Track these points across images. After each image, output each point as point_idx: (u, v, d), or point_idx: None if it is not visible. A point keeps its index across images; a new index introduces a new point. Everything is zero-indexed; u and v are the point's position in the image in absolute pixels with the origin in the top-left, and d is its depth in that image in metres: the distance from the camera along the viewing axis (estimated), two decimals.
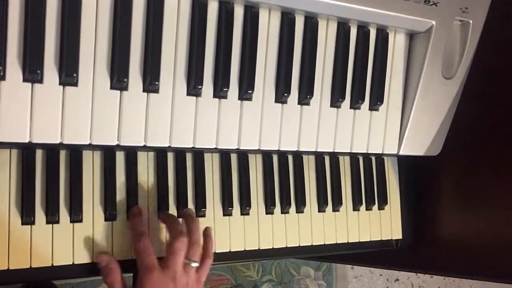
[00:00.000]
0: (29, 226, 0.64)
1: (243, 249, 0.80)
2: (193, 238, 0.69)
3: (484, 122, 0.90)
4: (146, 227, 0.71)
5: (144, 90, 0.65)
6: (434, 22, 0.78)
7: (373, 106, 0.82)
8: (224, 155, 0.79)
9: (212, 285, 1.65)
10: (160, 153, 0.74)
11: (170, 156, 0.75)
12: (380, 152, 0.84)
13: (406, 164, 0.97)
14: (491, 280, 0.95)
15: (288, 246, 0.83)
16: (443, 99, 0.83)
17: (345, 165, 0.90)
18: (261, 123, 0.73)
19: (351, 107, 0.80)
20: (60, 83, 0.60)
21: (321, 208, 0.86)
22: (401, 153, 0.85)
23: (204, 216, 0.76)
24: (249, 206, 0.79)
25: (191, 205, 0.75)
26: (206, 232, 0.74)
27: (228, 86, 0.69)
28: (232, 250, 0.78)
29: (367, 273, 1.96)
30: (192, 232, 0.70)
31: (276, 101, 0.74)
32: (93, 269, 0.68)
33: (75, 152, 0.68)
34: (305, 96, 0.75)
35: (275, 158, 0.83)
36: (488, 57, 0.85)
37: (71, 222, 0.67)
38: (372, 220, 0.92)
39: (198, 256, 0.69)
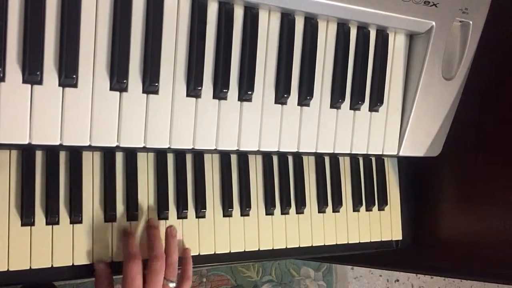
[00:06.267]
0: (29, 227, 0.64)
1: (243, 250, 0.79)
2: (170, 259, 0.70)
3: (484, 122, 0.90)
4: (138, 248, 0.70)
5: (143, 91, 0.65)
6: (434, 23, 0.78)
7: (373, 107, 0.82)
8: (224, 156, 0.79)
9: (212, 285, 1.65)
10: (160, 154, 0.74)
11: (170, 157, 0.75)
12: (380, 153, 0.84)
13: (406, 165, 0.97)
14: (491, 281, 0.95)
15: (288, 247, 0.83)
16: (443, 100, 0.83)
17: (345, 166, 0.90)
18: (261, 124, 0.73)
19: (351, 108, 0.80)
20: (59, 85, 0.60)
21: (321, 209, 0.86)
22: (401, 154, 0.84)
23: (204, 217, 0.76)
24: (249, 207, 0.79)
25: (191, 206, 0.75)
26: (185, 255, 0.74)
27: (228, 87, 0.69)
28: (232, 251, 0.78)
29: (367, 274, 1.96)
30: (169, 254, 0.71)
31: (276, 102, 0.74)
32: (92, 270, 0.68)
33: (75, 153, 0.68)
34: (305, 97, 0.75)
35: (275, 159, 0.83)
36: (488, 58, 0.85)
37: (71, 223, 0.67)
38: (372, 221, 0.92)
39: (174, 276, 0.70)
